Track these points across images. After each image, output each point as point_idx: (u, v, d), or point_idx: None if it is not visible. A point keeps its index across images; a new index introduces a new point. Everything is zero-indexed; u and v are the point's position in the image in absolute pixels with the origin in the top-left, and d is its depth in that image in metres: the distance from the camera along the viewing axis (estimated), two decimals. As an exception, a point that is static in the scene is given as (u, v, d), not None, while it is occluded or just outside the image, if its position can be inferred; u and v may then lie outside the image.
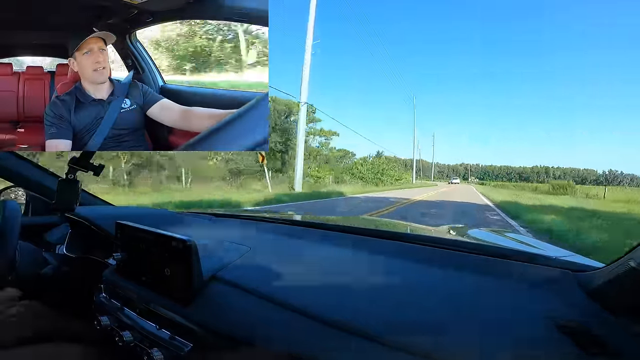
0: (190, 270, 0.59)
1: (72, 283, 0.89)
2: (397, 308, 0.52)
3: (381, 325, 0.47)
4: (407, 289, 0.58)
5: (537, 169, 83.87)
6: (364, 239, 0.84)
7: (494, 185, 35.60)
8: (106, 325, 0.69)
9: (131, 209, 1.16)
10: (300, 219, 1.21)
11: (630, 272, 0.42)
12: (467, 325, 0.47)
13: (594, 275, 0.52)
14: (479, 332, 0.45)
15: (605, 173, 74.91)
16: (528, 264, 0.64)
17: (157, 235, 0.64)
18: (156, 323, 0.63)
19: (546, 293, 0.54)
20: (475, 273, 0.62)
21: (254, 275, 0.64)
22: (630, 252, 0.43)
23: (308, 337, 0.48)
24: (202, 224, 1.03)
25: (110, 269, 0.77)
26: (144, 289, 0.67)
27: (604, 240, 4.76)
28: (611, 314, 0.46)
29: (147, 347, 0.61)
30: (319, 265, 0.70)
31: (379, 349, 0.44)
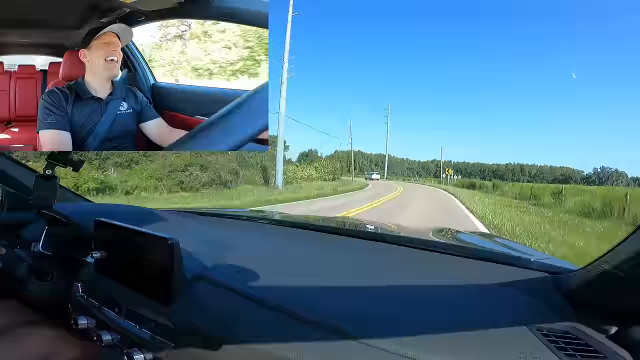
0: (172, 270, 0.58)
1: (48, 281, 0.87)
2: (378, 308, 0.52)
3: (362, 325, 0.47)
4: (387, 289, 0.59)
5: (512, 166, 78.55)
6: (347, 239, 0.85)
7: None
8: (84, 325, 0.67)
9: (111, 207, 1.13)
10: (284, 218, 1.21)
11: (603, 274, 0.43)
12: (445, 325, 0.47)
13: (569, 278, 0.54)
14: (456, 332, 0.46)
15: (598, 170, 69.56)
16: (507, 266, 0.66)
17: (138, 234, 0.63)
18: (136, 323, 0.62)
19: (524, 294, 0.56)
20: (455, 274, 0.64)
21: (238, 275, 0.64)
22: (603, 255, 0.44)
23: (291, 336, 0.49)
24: (185, 222, 1.02)
25: (88, 268, 0.76)
26: (124, 288, 0.66)
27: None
28: (585, 314, 0.47)
29: (127, 347, 0.60)
30: (302, 264, 0.70)
31: (363, 348, 0.44)
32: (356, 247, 0.81)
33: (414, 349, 0.42)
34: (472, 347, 0.43)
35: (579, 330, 0.45)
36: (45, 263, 0.87)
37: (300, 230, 0.94)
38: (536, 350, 0.42)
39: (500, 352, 0.42)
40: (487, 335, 0.45)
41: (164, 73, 0.95)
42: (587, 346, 0.43)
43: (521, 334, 0.45)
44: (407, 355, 0.42)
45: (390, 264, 0.69)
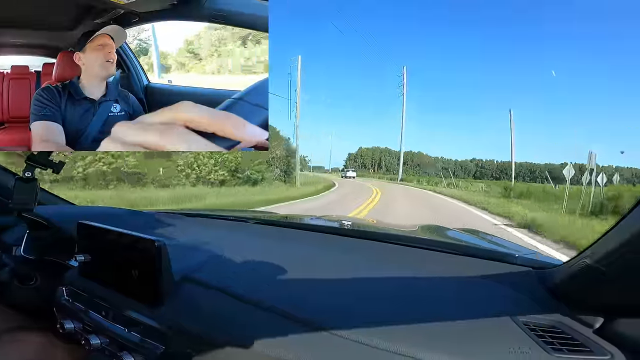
0: (160, 272, 0.57)
1: (31, 286, 0.85)
2: (368, 305, 0.53)
3: (353, 322, 0.48)
4: (375, 286, 0.60)
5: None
6: (334, 237, 0.86)
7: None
8: (70, 329, 0.67)
9: (94, 209, 1.13)
10: (272, 218, 1.21)
11: (585, 269, 0.44)
12: (434, 321, 0.48)
13: (553, 273, 0.55)
14: (446, 328, 0.46)
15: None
16: (493, 262, 0.67)
17: (122, 236, 0.62)
18: (125, 326, 0.61)
19: (509, 289, 0.57)
20: (442, 270, 0.64)
21: (226, 276, 0.64)
22: (585, 250, 0.45)
23: (282, 336, 0.49)
24: (171, 223, 1.02)
25: (72, 271, 0.75)
26: (110, 291, 0.65)
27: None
28: (570, 308, 0.48)
29: (117, 350, 0.60)
30: (291, 264, 0.71)
31: (354, 346, 0.45)
32: (344, 245, 0.82)
33: (405, 346, 0.43)
34: (462, 342, 0.43)
35: (564, 324, 0.47)
36: (28, 267, 0.86)
37: (289, 230, 0.95)
38: (524, 344, 0.42)
39: (489, 347, 0.43)
40: (475, 331, 0.45)
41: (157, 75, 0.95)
42: (573, 340, 0.43)
43: (509, 329, 0.45)
44: (400, 352, 0.43)
45: (378, 261, 0.70)
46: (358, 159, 61.20)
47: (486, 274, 0.61)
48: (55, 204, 1.19)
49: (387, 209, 8.50)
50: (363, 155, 47.36)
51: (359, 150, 54.66)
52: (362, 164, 62.01)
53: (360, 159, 61.14)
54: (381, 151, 51.61)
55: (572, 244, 4.90)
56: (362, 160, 61.93)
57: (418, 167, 59.51)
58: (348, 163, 63.26)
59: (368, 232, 0.93)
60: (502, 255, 0.70)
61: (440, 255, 0.73)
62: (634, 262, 0.38)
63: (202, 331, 0.54)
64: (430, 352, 0.42)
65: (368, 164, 61.30)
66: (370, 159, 40.74)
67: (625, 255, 0.39)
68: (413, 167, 58.19)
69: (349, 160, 64.74)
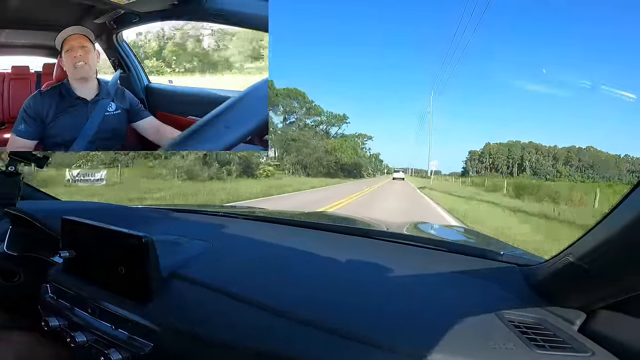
0: (147, 268, 0.57)
1: (15, 283, 0.84)
2: (355, 300, 0.53)
3: (341, 317, 0.48)
4: (363, 282, 0.60)
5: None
6: (323, 233, 0.86)
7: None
8: (55, 326, 0.65)
9: (79, 204, 1.10)
10: (260, 214, 1.21)
11: (568, 266, 0.45)
12: (419, 316, 0.48)
13: (537, 270, 0.56)
14: (430, 323, 0.47)
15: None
16: (478, 259, 0.68)
17: (108, 232, 0.61)
18: (111, 323, 0.60)
19: (494, 286, 0.57)
20: (427, 266, 0.65)
21: (215, 272, 0.63)
22: (568, 247, 0.45)
23: (271, 332, 0.49)
24: (159, 219, 1.00)
25: (57, 268, 0.73)
26: (96, 288, 0.64)
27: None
28: (553, 305, 0.49)
29: (104, 348, 0.59)
30: (280, 260, 0.70)
31: (345, 343, 0.45)
32: (333, 241, 0.82)
33: (390, 340, 0.44)
34: (447, 337, 0.43)
35: (548, 321, 0.47)
36: (11, 264, 0.84)
37: (278, 226, 0.95)
38: (508, 341, 0.43)
39: (473, 342, 0.43)
40: (460, 326, 0.46)
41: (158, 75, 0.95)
42: (555, 337, 0.44)
43: (493, 325, 0.46)
44: (383, 346, 0.43)
45: (366, 256, 0.70)
46: (484, 158, 42.65)
47: (471, 270, 0.62)
48: (40, 199, 1.16)
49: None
50: (492, 152, 35.76)
51: (486, 146, 39.71)
52: (492, 165, 43.74)
53: (487, 158, 42.13)
54: (523, 146, 36.48)
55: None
56: (492, 160, 43.30)
57: (591, 169, 42.05)
58: (469, 164, 49.98)
59: (355, 229, 0.94)
60: (487, 252, 0.71)
61: (426, 251, 0.73)
62: (616, 259, 0.39)
63: (191, 328, 0.53)
64: (415, 346, 0.42)
65: (501, 164, 42.68)
66: (505, 157, 30.10)
67: (607, 253, 0.39)
68: (581, 169, 40.77)
69: (470, 161, 50.30)
